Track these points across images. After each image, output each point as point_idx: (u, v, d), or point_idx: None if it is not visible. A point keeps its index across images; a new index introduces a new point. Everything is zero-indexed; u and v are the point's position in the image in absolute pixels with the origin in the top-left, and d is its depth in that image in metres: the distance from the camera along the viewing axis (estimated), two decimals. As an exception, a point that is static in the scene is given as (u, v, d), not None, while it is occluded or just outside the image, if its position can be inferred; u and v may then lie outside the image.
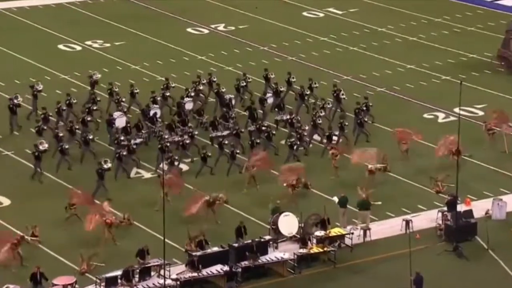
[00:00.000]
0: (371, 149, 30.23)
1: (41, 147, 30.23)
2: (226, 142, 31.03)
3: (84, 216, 26.62)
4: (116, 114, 33.07)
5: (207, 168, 30.35)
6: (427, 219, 27.98)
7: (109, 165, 29.60)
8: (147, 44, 43.59)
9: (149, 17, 47.42)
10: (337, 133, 31.99)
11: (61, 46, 43.47)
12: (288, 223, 26.68)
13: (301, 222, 26.81)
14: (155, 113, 33.34)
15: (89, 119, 32.75)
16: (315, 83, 35.90)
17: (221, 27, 46.20)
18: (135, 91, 35.08)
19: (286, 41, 43.90)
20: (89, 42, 43.86)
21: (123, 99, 34.43)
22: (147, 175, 30.91)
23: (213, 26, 46.34)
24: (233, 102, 34.52)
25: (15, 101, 33.91)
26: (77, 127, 32.06)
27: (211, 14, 47.83)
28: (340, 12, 48.20)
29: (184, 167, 31.18)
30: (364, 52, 42.76)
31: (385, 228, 27.58)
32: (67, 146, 30.69)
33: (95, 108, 33.74)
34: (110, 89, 35.18)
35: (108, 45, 43.60)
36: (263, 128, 32.10)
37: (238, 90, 35.72)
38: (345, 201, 27.69)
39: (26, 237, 25.41)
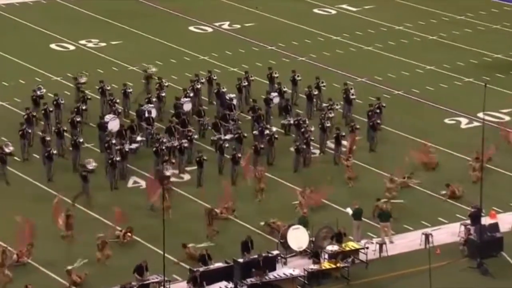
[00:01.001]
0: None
1: (6, 150, 30.18)
2: (227, 145, 30.95)
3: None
4: (108, 117, 32.97)
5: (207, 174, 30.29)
6: (448, 232, 27.91)
7: (94, 165, 29.44)
8: (145, 44, 43.67)
9: (148, 14, 47.50)
10: (344, 134, 31.89)
11: (53, 46, 43.56)
12: (298, 237, 26.64)
13: (312, 235, 26.77)
14: (150, 112, 33.25)
15: (78, 119, 32.56)
16: (323, 82, 35.91)
17: (225, 25, 46.26)
18: (128, 90, 35.06)
19: (295, 40, 43.92)
20: (83, 41, 43.95)
21: (117, 100, 34.45)
22: (145, 184, 30.88)
23: (217, 24, 46.40)
24: (235, 102, 34.51)
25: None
26: (65, 128, 31.93)
27: (215, 11, 47.89)
28: (354, 9, 48.21)
29: (186, 176, 31.17)
30: (380, 52, 42.75)
31: (403, 242, 27.52)
32: (55, 152, 30.56)
33: (84, 107, 33.61)
34: (102, 87, 35.17)
35: (103, 44, 43.68)
36: (267, 131, 32.03)
37: (240, 90, 35.75)
38: (360, 213, 27.63)
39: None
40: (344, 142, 31.83)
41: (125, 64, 40.70)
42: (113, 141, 30.98)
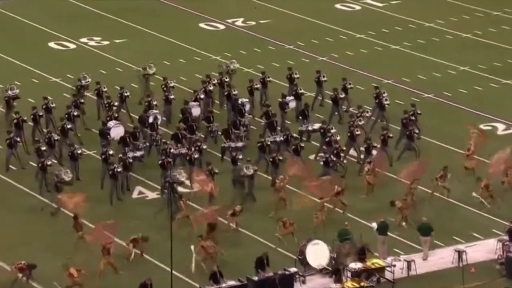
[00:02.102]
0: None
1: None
2: (241, 156, 30.92)
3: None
4: (112, 123, 32.96)
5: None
6: (484, 250, 27.74)
7: (70, 176, 29.40)
8: (152, 42, 43.75)
9: (154, 10, 47.63)
10: (375, 144, 31.80)
11: (51, 44, 43.75)
12: (318, 253, 26.57)
13: (333, 252, 26.67)
14: (156, 118, 33.22)
15: (69, 126, 32.44)
16: (350, 83, 35.81)
17: (239, 22, 46.31)
18: (125, 94, 35.02)
19: (315, 39, 43.89)
20: (84, 40, 44.12)
21: (116, 103, 34.43)
22: (152, 195, 30.90)
23: (230, 20, 46.45)
24: (247, 107, 34.47)
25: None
26: (56, 138, 31.79)
27: (227, 6, 47.98)
28: (380, 4, 48.16)
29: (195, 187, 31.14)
30: (408, 51, 42.64)
31: (434, 260, 27.38)
32: (49, 163, 30.41)
33: (76, 113, 33.39)
34: (98, 89, 35.17)
35: (106, 42, 43.82)
36: (291, 138, 31.89)
37: (251, 93, 35.71)
38: (385, 227, 27.53)
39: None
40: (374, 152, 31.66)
41: (130, 64, 40.73)
42: (111, 152, 30.80)
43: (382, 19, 46.18)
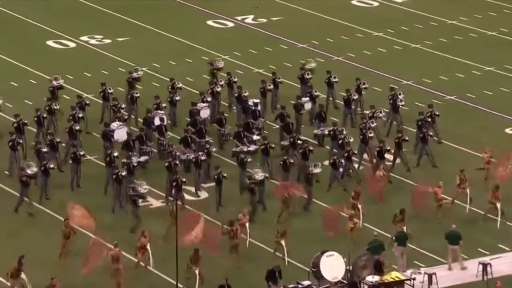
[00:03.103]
0: None
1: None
2: (250, 159, 30.98)
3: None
4: (115, 124, 33.08)
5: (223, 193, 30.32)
6: (510, 262, 27.71)
7: (35, 169, 29.53)
8: (157, 41, 43.90)
9: (159, 7, 47.76)
10: (389, 148, 31.84)
11: (50, 43, 43.93)
12: (333, 265, 26.59)
13: (348, 264, 26.72)
14: (162, 119, 33.33)
15: (77, 128, 32.61)
16: (364, 83, 35.85)
17: (249, 19, 46.43)
18: (136, 95, 35.16)
19: (330, 37, 43.97)
20: (85, 38, 44.29)
21: (123, 106, 34.58)
22: (156, 203, 30.99)
23: (239, 17, 46.58)
24: (259, 108, 34.56)
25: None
26: (59, 140, 32.05)
27: (237, 3, 48.08)
28: (399, 0, 48.18)
29: (202, 194, 31.25)
30: (430, 50, 42.66)
31: (456, 273, 27.37)
32: (52, 166, 30.65)
33: (81, 115, 33.60)
34: (104, 91, 35.33)
35: (108, 41, 43.98)
36: (299, 142, 32.03)
37: (264, 94, 35.80)
38: (404, 237, 27.55)
39: None
40: (387, 156, 31.73)
41: (133, 64, 40.79)
42: (115, 154, 31.01)
43: (401, 16, 46.22)
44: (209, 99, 35.04)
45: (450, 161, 32.60)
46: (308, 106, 35.01)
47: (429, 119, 33.53)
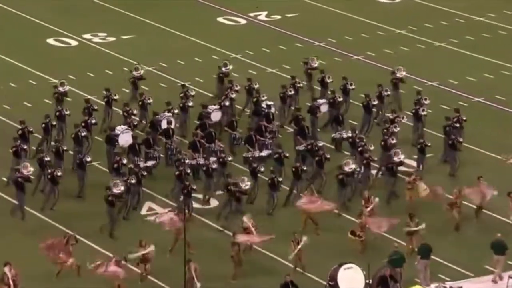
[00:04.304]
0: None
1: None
2: (263, 169, 31.04)
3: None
4: (120, 128, 33.23)
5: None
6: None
7: (31, 170, 29.67)
8: (164, 38, 44.03)
9: (166, 3, 47.83)
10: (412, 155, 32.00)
11: (50, 41, 44.11)
12: (351, 278, 26.64)
13: (368, 277, 26.79)
14: (169, 122, 33.43)
15: (84, 134, 32.77)
16: (387, 90, 35.94)
17: (262, 15, 46.55)
18: (147, 101, 35.35)
19: (349, 35, 44.04)
20: (87, 36, 44.47)
21: (135, 111, 34.66)
22: (162, 212, 31.13)
23: (252, 14, 46.71)
24: (273, 110, 34.60)
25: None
26: (65, 148, 32.18)
27: (249, -2, 48.27)
28: (423, -4, 48.33)
29: (213, 202, 31.37)
30: (456, 49, 42.69)
31: (484, 287, 27.41)
32: (59, 173, 30.75)
33: (94, 121, 33.71)
34: (108, 96, 35.51)
35: (112, 39, 44.16)
36: (315, 148, 32.08)
37: (284, 100, 35.83)
38: (428, 250, 27.58)
39: None
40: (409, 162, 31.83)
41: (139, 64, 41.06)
42: (124, 161, 31.18)
43: (425, 12, 46.23)
44: (226, 104, 35.02)
45: (475, 167, 32.47)
46: (324, 108, 35.08)
47: (457, 125, 33.52)
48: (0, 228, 30.12)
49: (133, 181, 30.28)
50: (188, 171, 30.81)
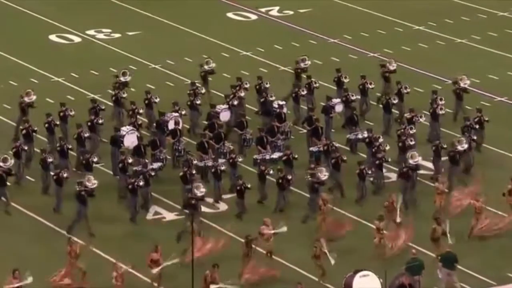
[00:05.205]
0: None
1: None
2: (272, 171, 31.02)
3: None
4: (125, 129, 33.28)
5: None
6: None
7: (11, 162, 29.81)
8: (171, 35, 44.11)
9: (174, -2, 48.04)
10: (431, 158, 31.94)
11: (53, 37, 44.24)
12: (367, 286, 26.65)
13: (385, 285, 26.75)
14: (177, 122, 33.46)
15: (86, 135, 32.80)
16: (406, 88, 35.87)
17: (274, 11, 46.58)
18: (154, 100, 35.37)
19: (365, 31, 44.04)
20: (91, 32, 44.58)
21: (141, 111, 34.71)
22: (170, 216, 31.16)
23: (263, 9, 46.75)
24: (285, 110, 34.57)
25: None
26: (70, 147, 32.29)
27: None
28: (442, -10, 48.27)
29: (222, 206, 31.37)
30: (477, 46, 42.65)
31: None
32: (66, 175, 30.70)
33: (100, 121, 33.73)
34: (116, 95, 35.53)
35: (117, 35, 44.26)
36: (332, 148, 32.01)
37: (296, 100, 35.80)
38: (451, 259, 27.39)
39: None
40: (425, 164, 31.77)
41: (145, 61, 41.18)
42: (130, 161, 31.24)
43: (445, 8, 46.19)
44: (235, 103, 35.06)
45: (497, 170, 32.45)
46: (339, 108, 35.08)
47: (477, 126, 33.42)
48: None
49: (141, 183, 30.28)
50: (194, 171, 30.80)
